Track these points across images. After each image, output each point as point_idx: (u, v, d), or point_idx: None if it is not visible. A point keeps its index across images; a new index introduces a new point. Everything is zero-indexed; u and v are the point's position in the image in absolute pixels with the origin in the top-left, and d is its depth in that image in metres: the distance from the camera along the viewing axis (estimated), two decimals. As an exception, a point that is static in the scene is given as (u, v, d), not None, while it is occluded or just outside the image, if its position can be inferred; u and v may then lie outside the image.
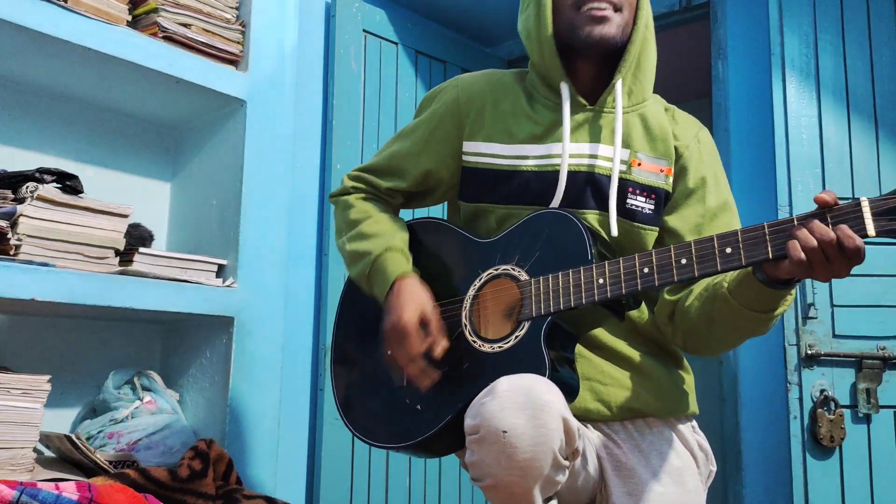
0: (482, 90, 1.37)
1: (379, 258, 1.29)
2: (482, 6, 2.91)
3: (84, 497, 1.22)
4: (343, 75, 2.49)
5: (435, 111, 1.40)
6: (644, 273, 1.11)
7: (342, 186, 1.44)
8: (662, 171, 1.31)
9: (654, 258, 1.11)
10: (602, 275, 1.14)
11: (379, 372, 1.32)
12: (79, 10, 1.63)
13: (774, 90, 2.21)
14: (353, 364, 1.38)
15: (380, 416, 1.30)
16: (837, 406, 2.04)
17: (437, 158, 1.38)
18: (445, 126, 1.38)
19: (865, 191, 2.13)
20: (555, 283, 1.17)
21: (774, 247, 1.02)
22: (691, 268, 1.08)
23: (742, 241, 1.04)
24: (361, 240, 1.34)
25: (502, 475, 0.98)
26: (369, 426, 1.30)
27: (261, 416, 1.87)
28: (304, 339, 2.40)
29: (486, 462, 0.99)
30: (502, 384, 1.02)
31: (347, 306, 1.43)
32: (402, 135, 1.44)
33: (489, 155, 1.34)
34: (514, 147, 1.32)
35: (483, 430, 0.99)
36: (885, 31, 2.19)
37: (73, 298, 1.54)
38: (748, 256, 1.04)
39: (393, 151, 1.42)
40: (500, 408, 0.99)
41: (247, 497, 1.51)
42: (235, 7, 1.99)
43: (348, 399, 1.36)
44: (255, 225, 1.90)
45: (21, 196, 1.57)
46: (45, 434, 1.59)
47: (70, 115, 1.93)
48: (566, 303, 1.15)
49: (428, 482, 2.55)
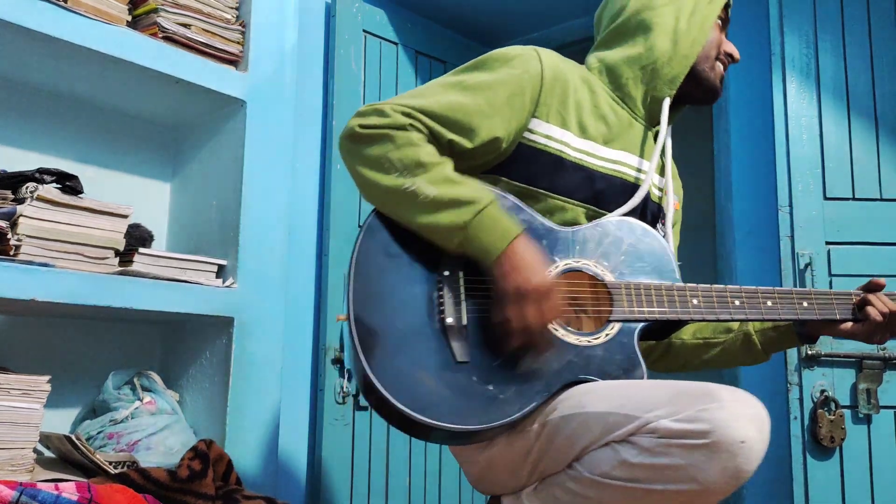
0: (566, 73, 1.34)
1: (488, 208, 1.17)
2: (482, 6, 2.90)
3: (84, 497, 1.22)
4: (343, 75, 2.49)
5: (516, 77, 1.29)
6: (735, 305, 1.27)
7: (391, 119, 1.22)
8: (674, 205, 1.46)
9: (744, 294, 1.28)
10: (696, 296, 1.26)
11: (432, 341, 1.18)
12: (79, 10, 1.63)
13: (774, 90, 2.21)
14: (394, 327, 1.18)
15: (435, 391, 1.14)
16: (838, 406, 2.04)
17: (508, 127, 1.28)
18: (525, 96, 1.28)
19: (866, 191, 2.13)
20: (647, 291, 1.25)
21: (840, 310, 1.33)
22: (777, 310, 1.29)
23: (816, 299, 1.32)
24: (453, 185, 1.19)
25: (716, 482, 0.97)
26: (426, 403, 1.12)
27: (261, 416, 1.87)
28: (304, 339, 2.40)
29: (701, 467, 0.97)
30: (722, 392, 1.00)
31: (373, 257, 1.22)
32: (463, 87, 1.28)
33: (559, 141, 1.30)
34: (584, 142, 1.32)
35: (716, 437, 0.97)
36: (885, 31, 2.19)
37: (73, 299, 1.54)
38: (822, 313, 1.32)
39: (456, 103, 1.25)
40: (735, 417, 0.98)
41: (247, 497, 1.51)
42: (235, 7, 1.99)
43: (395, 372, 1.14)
44: (255, 225, 1.90)
45: (21, 196, 1.57)
46: (45, 434, 1.59)
47: (70, 115, 1.93)
48: (662, 312, 1.23)
49: (428, 482, 2.55)
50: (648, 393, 1.06)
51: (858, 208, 2.12)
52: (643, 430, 1.02)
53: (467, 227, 1.16)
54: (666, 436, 1.00)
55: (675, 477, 0.99)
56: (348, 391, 2.37)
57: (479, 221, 1.16)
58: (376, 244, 1.22)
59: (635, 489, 1.02)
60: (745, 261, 2.38)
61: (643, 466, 1.01)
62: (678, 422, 0.99)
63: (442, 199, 1.17)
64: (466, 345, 1.17)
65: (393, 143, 1.20)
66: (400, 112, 1.22)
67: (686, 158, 1.68)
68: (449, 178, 1.19)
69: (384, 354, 1.14)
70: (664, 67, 1.38)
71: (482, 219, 1.16)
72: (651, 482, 1.01)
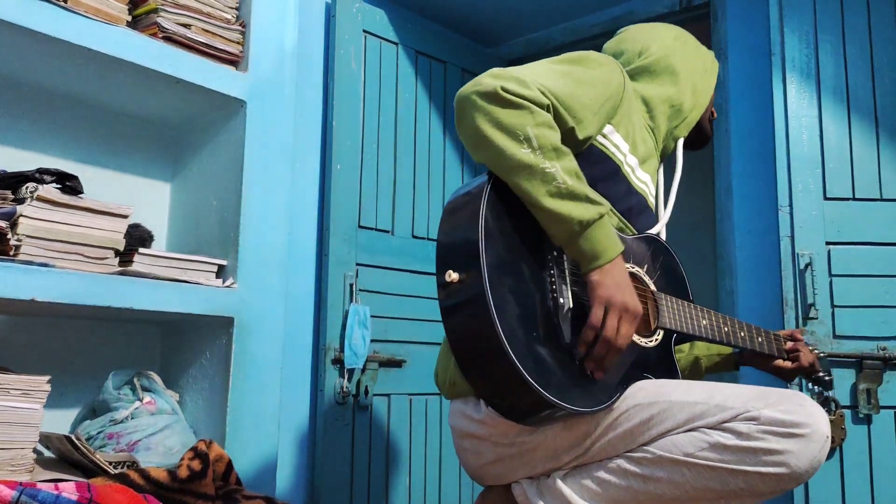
0: (632, 92, 1.49)
1: (607, 216, 1.22)
2: (482, 6, 2.90)
3: (83, 497, 1.22)
4: (343, 75, 2.49)
5: (610, 81, 1.37)
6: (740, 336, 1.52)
7: (534, 94, 1.21)
8: None
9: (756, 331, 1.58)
10: (725, 324, 1.47)
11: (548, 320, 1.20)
12: (79, 11, 1.63)
13: (775, 90, 2.21)
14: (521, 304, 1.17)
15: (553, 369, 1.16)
16: (838, 406, 2.04)
17: (599, 126, 1.36)
18: (613, 101, 1.38)
19: (866, 191, 2.13)
20: (684, 308, 1.40)
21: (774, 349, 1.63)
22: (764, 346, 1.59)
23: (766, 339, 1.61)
24: (582, 182, 1.21)
25: (804, 468, 1.12)
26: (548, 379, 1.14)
27: (261, 416, 1.87)
28: (304, 339, 2.40)
29: (796, 454, 1.12)
30: (801, 395, 1.17)
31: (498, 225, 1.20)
32: (576, 79, 1.30)
33: (621, 151, 1.42)
34: (633, 157, 1.45)
35: (812, 430, 1.12)
36: (885, 31, 2.19)
37: (72, 299, 1.54)
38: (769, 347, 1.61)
39: (577, 93, 1.28)
40: (822, 414, 1.15)
41: (246, 497, 1.51)
42: (235, 7, 1.99)
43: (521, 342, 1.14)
44: (255, 225, 1.90)
45: (21, 196, 1.57)
46: (45, 435, 1.59)
47: (70, 115, 1.93)
48: (693, 330, 1.40)
49: (428, 482, 2.55)
50: (732, 390, 1.20)
51: (858, 208, 2.12)
52: (740, 417, 1.15)
53: (589, 226, 1.19)
54: (769, 423, 1.13)
55: (767, 461, 1.12)
56: (348, 391, 2.37)
57: (599, 224, 1.20)
58: (499, 211, 1.21)
59: (720, 468, 1.15)
60: (745, 261, 2.38)
61: (737, 448, 1.14)
62: (781, 412, 1.13)
63: (575, 191, 1.18)
64: (570, 328, 1.22)
65: (533, 117, 1.19)
66: (541, 91, 1.22)
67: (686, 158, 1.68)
68: (579, 173, 1.21)
69: (513, 323, 1.14)
70: (687, 112, 1.58)
71: (602, 223, 1.20)
72: (741, 464, 1.13)
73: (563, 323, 1.21)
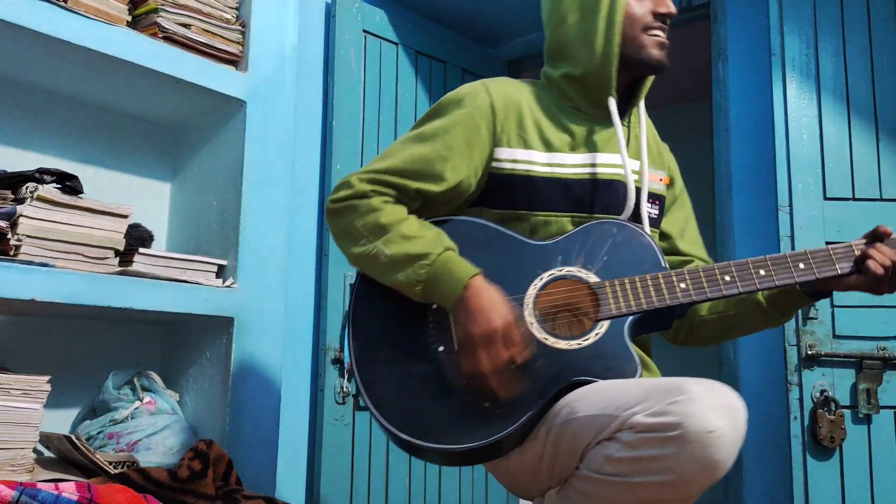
0: (516, 96, 1.40)
1: (440, 259, 1.24)
2: (482, 6, 2.90)
3: (84, 497, 1.22)
4: (343, 75, 2.49)
5: (468, 115, 1.35)
6: (726, 281, 1.24)
7: (354, 189, 1.32)
8: (661, 180, 1.48)
9: (734, 268, 1.25)
10: (683, 280, 1.26)
11: (429, 370, 1.26)
12: (79, 11, 1.63)
13: (775, 90, 2.21)
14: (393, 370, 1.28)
15: (438, 417, 1.22)
16: (838, 406, 2.04)
17: (472, 165, 1.35)
18: (480, 133, 1.35)
19: (866, 191, 2.13)
20: (633, 285, 1.26)
21: (841, 265, 1.26)
22: (771, 279, 1.25)
23: (812, 258, 1.26)
24: (407, 242, 1.26)
25: (691, 472, 1.01)
26: (426, 428, 1.21)
27: (261, 416, 1.87)
28: (304, 339, 2.40)
29: (677, 458, 1.01)
30: (692, 385, 1.04)
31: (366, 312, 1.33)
32: (422, 137, 1.36)
33: (526, 161, 1.36)
34: (551, 155, 1.37)
35: (684, 429, 1.01)
36: (885, 32, 2.19)
37: (72, 299, 1.54)
38: (821, 271, 1.26)
39: (419, 155, 1.33)
40: (703, 409, 1.01)
41: (247, 497, 1.51)
42: (235, 7, 1.99)
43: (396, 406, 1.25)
44: (255, 225, 1.90)
45: (21, 196, 1.57)
46: (45, 434, 1.59)
47: (70, 115, 1.93)
48: (649, 303, 1.24)
49: (428, 482, 2.55)
50: (626, 392, 1.10)
51: (858, 208, 2.12)
52: (624, 426, 1.06)
53: (426, 281, 1.24)
54: (642, 430, 1.04)
55: (654, 469, 1.03)
56: (348, 391, 2.37)
57: (434, 273, 1.23)
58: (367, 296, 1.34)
59: (623, 483, 1.06)
60: (745, 261, 2.38)
61: (626, 460, 1.06)
62: (651, 416, 1.04)
63: (397, 258, 1.25)
64: (459, 368, 1.23)
65: (357, 211, 1.31)
66: (364, 180, 1.32)
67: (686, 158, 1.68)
68: (405, 236, 1.26)
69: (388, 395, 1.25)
70: (592, 76, 1.39)
71: (434, 271, 1.23)
72: (634, 475, 1.05)
73: (449, 367, 1.25)
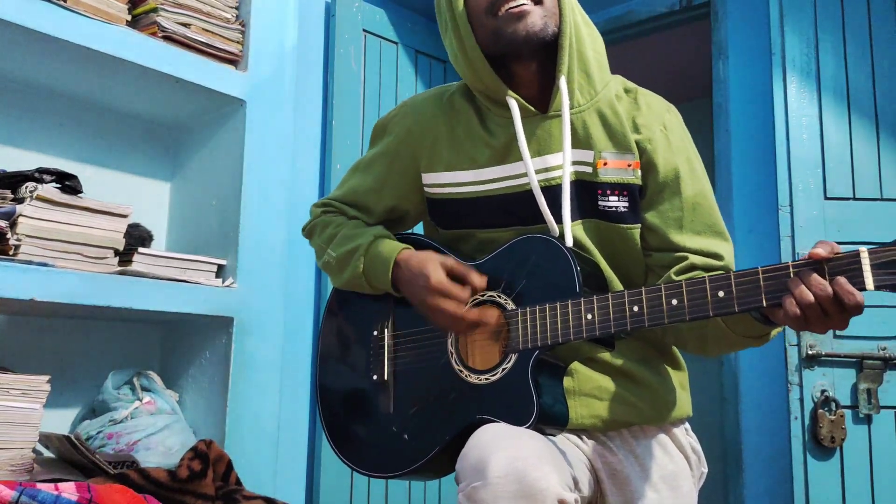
0: (434, 117, 1.30)
1: (371, 246, 1.26)
2: (482, 6, 2.90)
3: (83, 497, 1.22)
4: (343, 75, 2.49)
5: (389, 145, 1.34)
6: (633, 312, 1.07)
7: (312, 215, 1.42)
8: (630, 166, 1.23)
9: (644, 297, 1.06)
10: (591, 311, 1.10)
11: (365, 398, 1.29)
12: (79, 10, 1.63)
13: (775, 90, 2.21)
14: (340, 390, 1.34)
15: (368, 444, 1.27)
16: (838, 406, 2.04)
17: (399, 194, 1.34)
18: (402, 160, 1.32)
19: (866, 190, 2.13)
20: (542, 315, 1.13)
21: (769, 295, 0.97)
22: (682, 311, 1.03)
23: (735, 285, 0.99)
24: (347, 241, 1.30)
25: None
26: (359, 455, 1.28)
27: (261, 416, 1.87)
28: (304, 339, 2.39)
29: None
30: (493, 469, 0.96)
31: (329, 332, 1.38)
32: (359, 167, 1.39)
33: (452, 184, 1.28)
34: (477, 172, 1.26)
35: (479, 481, 0.95)
36: (885, 31, 2.19)
37: (72, 298, 1.54)
38: (741, 303, 0.99)
39: (353, 186, 1.38)
40: (494, 497, 0.94)
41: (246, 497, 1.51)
42: (235, 7, 1.98)
43: (338, 426, 1.32)
44: (255, 225, 1.90)
45: (20, 196, 1.57)
46: (45, 434, 1.58)
47: (70, 115, 1.92)
48: (553, 338, 1.12)
49: (428, 483, 2.55)
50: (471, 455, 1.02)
51: (859, 208, 2.12)
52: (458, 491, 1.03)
53: (365, 272, 1.26)
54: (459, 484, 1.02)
55: None
56: (348, 391, 2.37)
57: (368, 262, 1.26)
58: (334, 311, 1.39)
59: None
60: (745, 261, 2.37)
61: None
62: (463, 497, 0.99)
63: (342, 258, 1.30)
64: (391, 398, 1.25)
65: (314, 233, 1.40)
66: (318, 206, 1.42)
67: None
68: (345, 237, 1.31)
69: (339, 418, 1.32)
70: (478, 85, 1.25)
71: (369, 258, 1.26)
72: None
73: (382, 396, 1.26)
